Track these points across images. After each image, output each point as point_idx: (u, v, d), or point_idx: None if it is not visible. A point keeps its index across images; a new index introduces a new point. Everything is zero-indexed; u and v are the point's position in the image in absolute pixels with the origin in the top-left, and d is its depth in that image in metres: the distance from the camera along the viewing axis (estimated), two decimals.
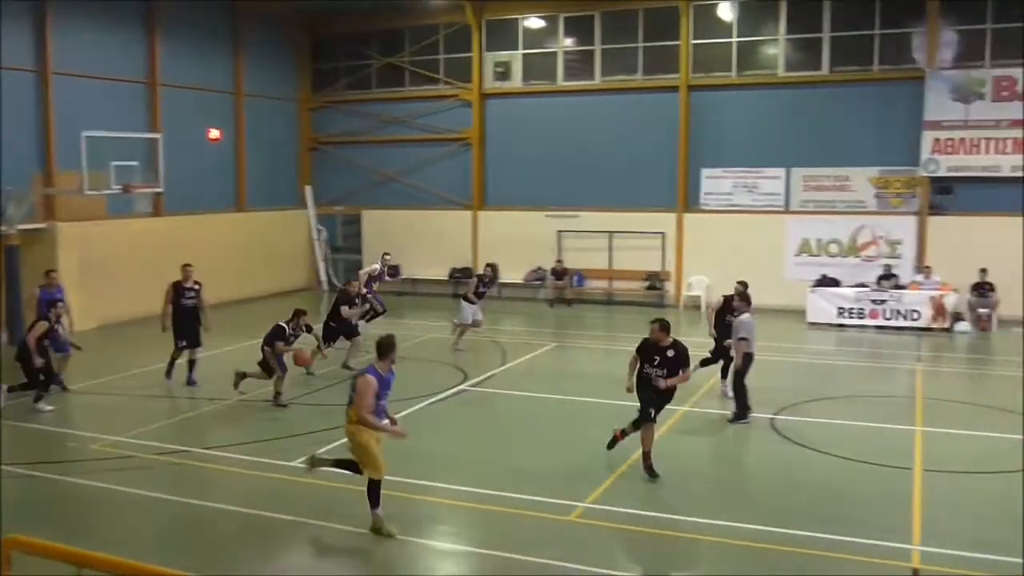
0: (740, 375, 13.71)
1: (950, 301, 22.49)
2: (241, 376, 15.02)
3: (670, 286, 26.74)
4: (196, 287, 16.10)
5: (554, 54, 27.88)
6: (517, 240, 27.80)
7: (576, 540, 9.16)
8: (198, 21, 26.10)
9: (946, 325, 22.28)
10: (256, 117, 28.33)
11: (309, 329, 15.63)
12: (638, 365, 11.28)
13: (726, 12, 26.04)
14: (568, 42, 27.85)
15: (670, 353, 11.08)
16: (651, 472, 10.92)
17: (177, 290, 15.98)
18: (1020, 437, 12.89)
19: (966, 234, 23.53)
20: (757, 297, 15.10)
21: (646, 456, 11.03)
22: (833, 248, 25.13)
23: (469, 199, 28.90)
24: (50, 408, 14.23)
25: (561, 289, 27.16)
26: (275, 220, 29.05)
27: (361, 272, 21.11)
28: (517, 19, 28.00)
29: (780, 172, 25.64)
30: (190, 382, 15.92)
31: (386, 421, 9.44)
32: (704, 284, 25.79)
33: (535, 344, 20.19)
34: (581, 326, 23.70)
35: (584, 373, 17.83)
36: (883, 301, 22.80)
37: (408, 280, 29.19)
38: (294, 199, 30.35)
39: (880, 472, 11.41)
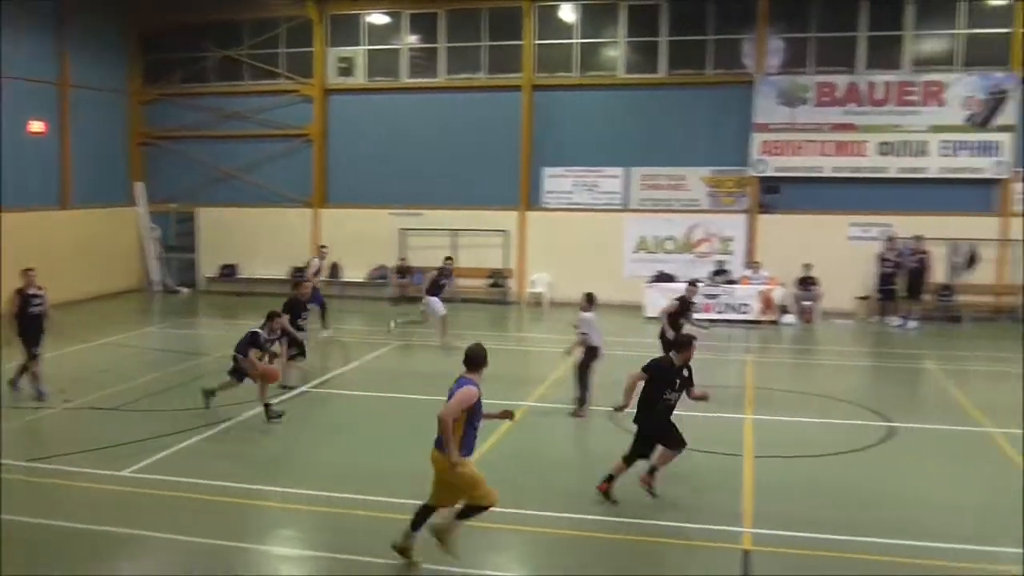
0: (584, 368, 14.07)
1: (777, 295, 23.64)
2: (211, 394, 13.81)
3: (513, 283, 27.01)
4: (41, 292, 15.01)
5: (398, 51, 27.70)
6: (359, 238, 27.50)
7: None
8: (19, 5, 24.52)
9: (774, 318, 23.41)
10: (83, 109, 26.88)
11: (284, 333, 14.69)
12: (651, 392, 10.06)
13: (568, 13, 26.51)
14: (412, 39, 27.72)
15: (686, 372, 10.22)
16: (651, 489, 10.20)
17: (23, 297, 14.85)
18: (840, 422, 13.69)
19: (792, 231, 24.82)
20: (596, 293, 15.36)
21: (653, 471, 10.24)
22: (669, 245, 26.00)
23: (310, 196, 28.36)
24: None
25: (404, 287, 27.00)
26: (103, 218, 27.66)
27: (308, 272, 20.66)
28: (360, 14, 27.68)
29: (619, 171, 26.33)
30: (17, 387, 14.94)
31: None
32: (546, 281, 26.19)
33: (377, 343, 20.00)
34: (425, 324, 23.57)
35: (426, 372, 17.72)
36: (716, 296, 23.72)
37: (245, 279, 28.51)
38: (124, 196, 28.96)
39: (713, 459, 11.82)
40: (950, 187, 24.27)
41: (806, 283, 24.14)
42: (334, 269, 27.93)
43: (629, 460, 10.24)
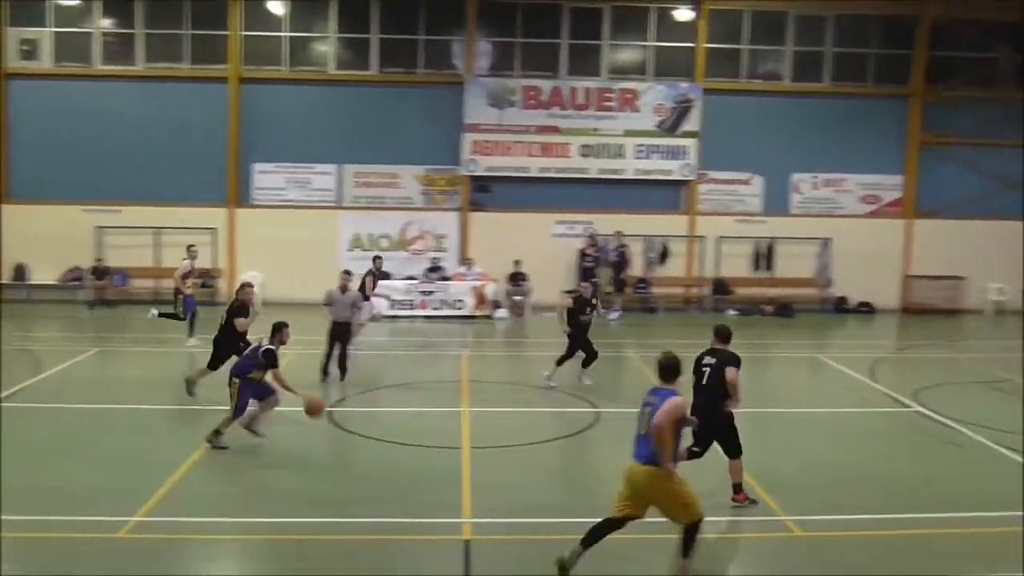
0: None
1: (490, 290, 24.37)
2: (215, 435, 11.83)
3: (223, 283, 25.95)
4: None
5: (90, 35, 25.73)
6: (49, 237, 25.28)
7: (127, 556, 8.49)
8: None
9: (487, 312, 24.10)
10: None
11: None
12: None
13: (277, 6, 25.82)
14: (106, 23, 25.84)
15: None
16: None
17: None
18: (551, 410, 14.29)
19: (502, 228, 25.72)
20: (312, 292, 15.15)
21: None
22: (384, 242, 26.04)
23: None
24: None
25: (102, 289, 25.19)
26: None
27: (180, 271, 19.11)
28: None
29: (332, 168, 26.06)
30: None
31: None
32: (258, 280, 25.30)
33: (74, 350, 18.43)
34: (125, 329, 22.09)
35: (129, 379, 16.57)
36: (431, 292, 24.07)
37: None
38: None
39: (431, 453, 11.92)
40: (644, 187, 26.17)
41: (516, 278, 25.06)
42: (19, 271, 25.55)
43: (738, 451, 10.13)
